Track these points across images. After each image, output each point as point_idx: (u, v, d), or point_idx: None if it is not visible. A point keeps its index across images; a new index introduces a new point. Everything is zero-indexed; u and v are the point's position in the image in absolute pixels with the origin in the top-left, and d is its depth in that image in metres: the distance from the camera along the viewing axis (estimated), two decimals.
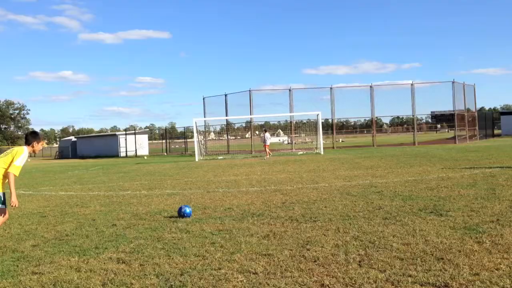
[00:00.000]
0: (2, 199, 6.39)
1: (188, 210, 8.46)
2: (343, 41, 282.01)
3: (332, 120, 43.62)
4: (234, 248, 5.96)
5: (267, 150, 31.09)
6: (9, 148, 7.25)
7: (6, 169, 6.33)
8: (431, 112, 51.62)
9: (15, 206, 6.26)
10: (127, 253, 6.02)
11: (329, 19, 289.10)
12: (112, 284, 4.80)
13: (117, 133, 63.33)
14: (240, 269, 5.06)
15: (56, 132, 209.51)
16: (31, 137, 6.72)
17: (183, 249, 6.04)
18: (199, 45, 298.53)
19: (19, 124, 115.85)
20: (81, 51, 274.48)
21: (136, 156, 51.18)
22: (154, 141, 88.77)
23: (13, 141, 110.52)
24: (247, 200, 10.33)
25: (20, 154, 6.40)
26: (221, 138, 50.65)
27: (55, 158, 65.02)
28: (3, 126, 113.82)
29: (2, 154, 6.55)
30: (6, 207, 6.49)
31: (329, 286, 4.43)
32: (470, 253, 5.21)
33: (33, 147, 6.69)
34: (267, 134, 32.65)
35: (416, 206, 8.34)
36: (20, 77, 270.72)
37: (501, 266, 4.73)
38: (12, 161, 6.35)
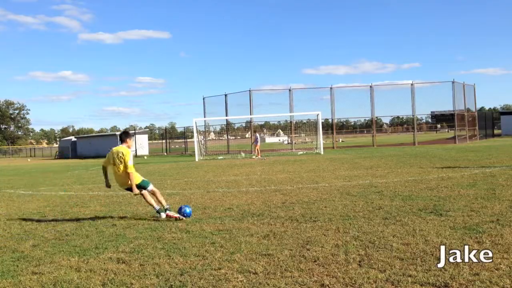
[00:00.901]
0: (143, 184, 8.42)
1: (188, 210, 8.46)
2: (343, 41, 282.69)
3: (332, 120, 43.61)
4: (234, 248, 5.97)
5: (258, 150, 31.51)
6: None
7: (126, 170, 8.16)
8: (431, 112, 51.53)
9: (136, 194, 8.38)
10: (127, 253, 6.02)
11: (329, 19, 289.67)
12: (112, 284, 4.80)
13: (117, 133, 63.31)
14: (240, 269, 5.07)
15: (56, 132, 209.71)
16: (124, 136, 8.48)
17: (183, 249, 6.05)
18: (199, 45, 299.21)
19: (19, 124, 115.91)
20: (81, 51, 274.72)
21: (136, 156, 51.15)
22: (154, 141, 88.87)
23: (13, 141, 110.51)
24: (247, 200, 10.33)
25: (129, 155, 8.19)
26: (221, 138, 50.66)
27: (55, 158, 65.02)
28: (3, 126, 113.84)
29: (116, 160, 8.23)
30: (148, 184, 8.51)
31: (329, 286, 4.43)
32: None
33: (127, 143, 8.41)
34: (257, 135, 33.35)
35: (416, 206, 8.34)
36: (20, 77, 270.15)
37: (501, 266, 4.73)
38: (126, 164, 8.14)
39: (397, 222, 7.03)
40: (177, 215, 8.28)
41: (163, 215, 8.36)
